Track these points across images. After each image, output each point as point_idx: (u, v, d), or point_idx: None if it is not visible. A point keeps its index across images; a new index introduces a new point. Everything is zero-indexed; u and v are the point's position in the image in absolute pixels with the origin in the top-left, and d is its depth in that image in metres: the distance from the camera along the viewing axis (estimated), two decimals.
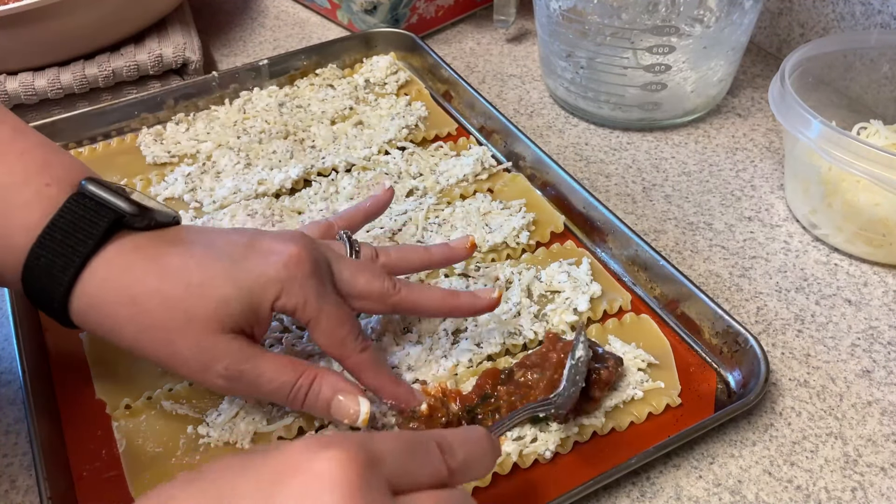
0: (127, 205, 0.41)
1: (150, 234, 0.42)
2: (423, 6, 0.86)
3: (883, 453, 0.47)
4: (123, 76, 0.76)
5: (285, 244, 0.43)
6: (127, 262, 0.40)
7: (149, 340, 0.41)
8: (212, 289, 0.40)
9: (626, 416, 0.48)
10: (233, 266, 0.41)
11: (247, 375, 0.41)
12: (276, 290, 0.41)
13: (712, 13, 0.67)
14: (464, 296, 0.48)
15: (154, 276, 0.40)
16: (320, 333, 0.43)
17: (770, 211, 0.64)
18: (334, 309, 0.43)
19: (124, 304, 0.40)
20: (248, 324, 0.42)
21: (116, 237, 0.41)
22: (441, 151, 0.68)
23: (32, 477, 0.47)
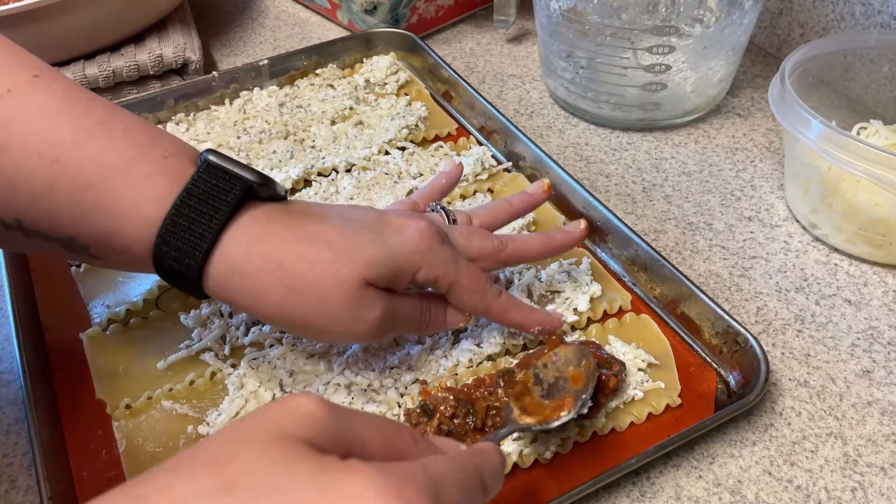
0: (252, 175, 0.41)
1: (280, 205, 0.43)
2: (423, 6, 0.86)
3: (883, 453, 0.47)
4: (123, 76, 0.76)
5: (413, 220, 0.45)
6: (267, 229, 0.41)
7: (297, 304, 0.41)
8: (359, 252, 0.42)
9: (626, 417, 0.48)
10: (374, 237, 0.43)
11: (395, 317, 0.44)
12: (418, 261, 0.44)
13: (712, 13, 0.67)
14: (558, 235, 0.52)
15: (299, 243, 0.41)
16: (463, 293, 0.46)
17: (770, 211, 0.64)
18: (468, 269, 0.46)
19: (270, 269, 0.41)
20: (388, 286, 0.44)
21: (248, 207, 0.41)
22: (441, 151, 0.68)
23: (32, 477, 0.47)
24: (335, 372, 0.49)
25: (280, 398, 0.32)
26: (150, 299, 0.56)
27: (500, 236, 0.50)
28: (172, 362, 0.51)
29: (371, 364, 0.50)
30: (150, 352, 0.52)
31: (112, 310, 0.55)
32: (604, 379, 0.47)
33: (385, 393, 0.48)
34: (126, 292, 0.56)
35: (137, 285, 0.56)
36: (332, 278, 0.41)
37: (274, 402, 0.31)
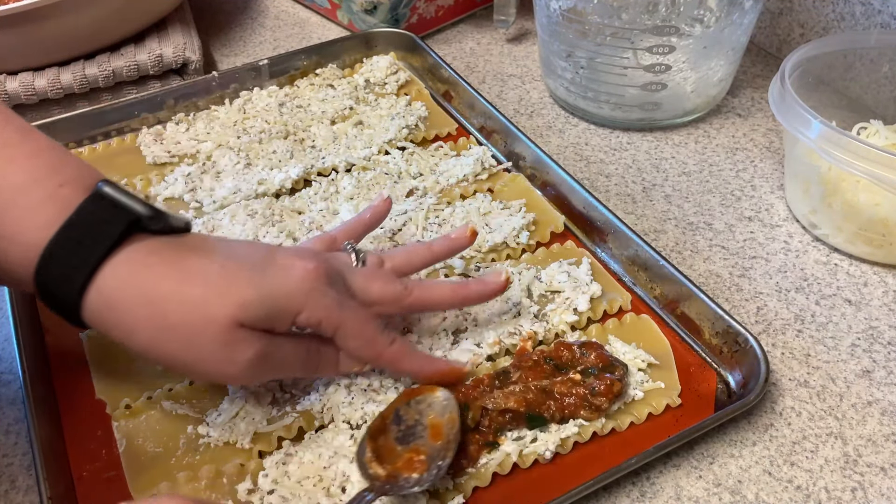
0: (143, 208, 0.41)
1: (168, 238, 0.42)
2: (423, 6, 0.86)
3: (883, 453, 0.47)
4: (123, 76, 0.76)
5: (302, 259, 0.44)
6: (146, 263, 0.41)
7: (166, 341, 0.41)
8: (235, 291, 0.41)
9: (626, 417, 0.48)
10: (254, 273, 0.42)
11: (273, 357, 0.43)
12: (299, 303, 0.42)
13: (712, 13, 0.67)
14: (473, 284, 0.49)
15: (173, 279, 0.40)
16: (349, 339, 0.45)
17: (770, 211, 0.64)
18: (355, 314, 0.45)
19: (142, 305, 0.40)
20: (267, 327, 0.43)
21: (133, 239, 0.41)
22: (441, 151, 0.68)
23: (32, 477, 0.47)
24: None
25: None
26: None
27: (407, 282, 0.48)
28: None
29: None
30: None
31: None
32: (608, 384, 0.47)
33: (385, 393, 0.48)
34: None
35: None
36: (200, 318, 0.40)
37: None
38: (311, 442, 0.46)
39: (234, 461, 0.46)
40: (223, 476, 0.45)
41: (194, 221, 0.61)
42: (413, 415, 0.44)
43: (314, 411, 0.48)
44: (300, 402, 0.48)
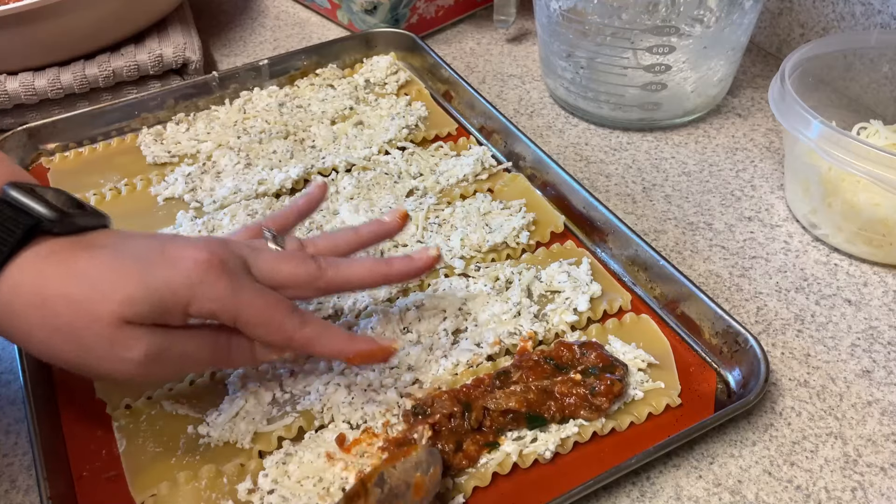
0: (47, 210, 0.40)
1: (67, 239, 0.42)
2: (423, 6, 0.86)
3: (883, 453, 0.47)
4: (123, 76, 0.76)
5: (194, 250, 0.42)
6: (40, 267, 0.40)
7: (59, 342, 0.40)
8: (118, 288, 0.40)
9: (626, 417, 0.48)
10: (142, 270, 0.41)
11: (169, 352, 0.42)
12: (186, 296, 0.41)
13: (712, 13, 0.67)
14: (397, 261, 0.47)
15: (62, 280, 0.40)
16: (252, 327, 0.43)
17: (770, 211, 0.64)
18: (255, 297, 0.43)
19: (35, 307, 0.40)
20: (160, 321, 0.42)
21: (35, 242, 0.40)
22: (441, 151, 0.68)
23: (32, 477, 0.47)
24: (335, 372, 0.49)
25: None
26: None
27: (321, 261, 0.46)
28: None
29: (371, 364, 0.50)
30: None
31: None
32: (609, 384, 0.47)
33: (385, 393, 0.48)
34: None
35: None
36: (85, 317, 0.40)
37: None
38: (311, 442, 0.46)
39: (235, 461, 0.46)
40: (223, 476, 0.45)
41: (195, 221, 0.61)
42: (398, 477, 0.42)
43: (314, 411, 0.48)
44: (300, 402, 0.48)
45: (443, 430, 0.45)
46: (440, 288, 0.55)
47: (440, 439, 0.45)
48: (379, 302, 0.55)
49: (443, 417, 0.46)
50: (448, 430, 0.45)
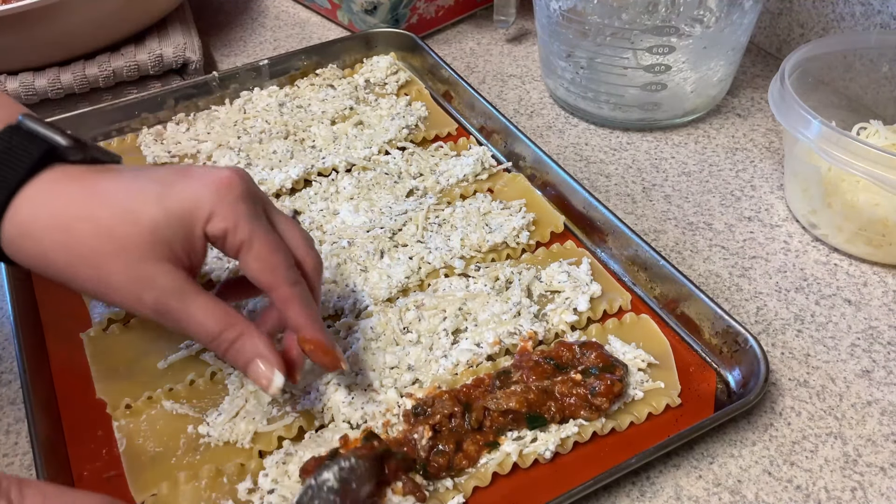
0: (63, 138, 0.40)
1: (88, 166, 0.41)
2: (424, 6, 0.86)
3: (883, 453, 0.47)
4: (124, 76, 0.76)
5: (220, 170, 0.42)
6: (59, 189, 0.39)
7: (80, 268, 0.39)
8: (142, 213, 0.39)
9: (626, 417, 0.48)
10: (163, 189, 0.40)
11: (174, 314, 0.41)
12: (207, 211, 0.40)
13: (712, 13, 0.67)
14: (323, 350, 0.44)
15: (84, 202, 0.39)
16: (252, 258, 0.42)
17: (770, 211, 0.64)
18: (267, 234, 0.42)
19: (56, 230, 0.39)
20: (183, 252, 0.41)
21: (50, 168, 0.40)
22: (441, 151, 0.68)
23: (33, 476, 0.47)
24: (335, 371, 0.49)
25: None
26: None
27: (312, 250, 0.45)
28: (173, 362, 0.51)
29: (371, 364, 0.50)
30: (150, 352, 0.52)
31: (112, 309, 0.55)
32: (609, 384, 0.47)
33: (385, 393, 0.48)
34: None
35: None
36: (112, 244, 0.39)
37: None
38: (311, 442, 0.46)
39: (235, 461, 0.46)
40: (223, 475, 0.45)
41: None
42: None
43: (314, 411, 0.48)
44: (300, 402, 0.48)
45: (443, 430, 0.45)
46: (440, 288, 0.55)
47: (440, 439, 0.45)
48: (379, 302, 0.55)
49: (443, 417, 0.46)
50: (448, 430, 0.45)
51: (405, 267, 0.56)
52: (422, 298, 0.54)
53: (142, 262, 0.39)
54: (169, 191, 0.40)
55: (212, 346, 0.43)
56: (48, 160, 0.40)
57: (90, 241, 0.39)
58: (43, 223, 0.39)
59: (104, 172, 0.41)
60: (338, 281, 0.56)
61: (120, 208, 0.39)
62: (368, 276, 0.56)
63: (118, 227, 0.39)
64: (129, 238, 0.39)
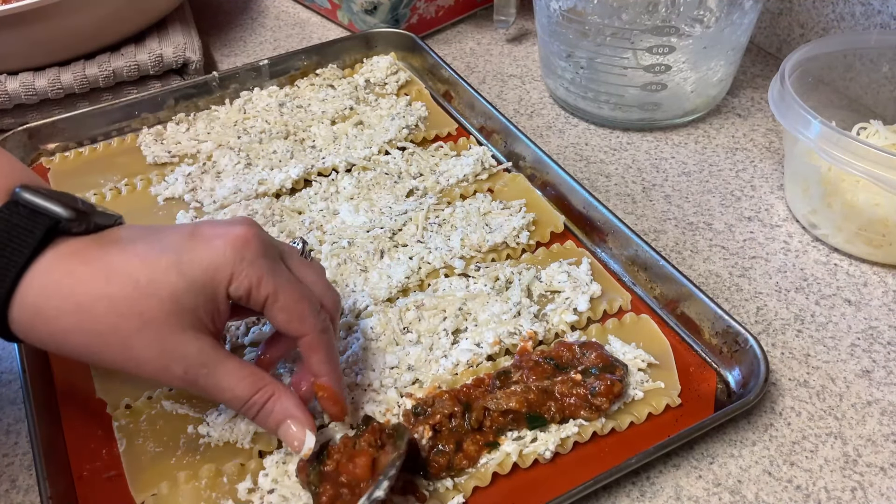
0: (64, 210, 0.39)
1: (89, 237, 0.40)
2: (424, 6, 0.86)
3: (883, 453, 0.47)
4: (124, 76, 0.76)
5: (229, 227, 0.41)
6: (67, 267, 0.38)
7: (103, 346, 0.39)
8: (162, 285, 0.39)
9: (626, 417, 0.48)
10: (179, 258, 0.39)
11: (203, 381, 0.41)
12: (227, 273, 0.40)
13: (712, 13, 0.67)
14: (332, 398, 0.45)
15: (98, 280, 0.38)
16: (278, 310, 0.42)
17: (770, 211, 0.64)
18: (290, 284, 0.42)
19: (70, 313, 0.38)
20: (207, 316, 0.41)
21: (55, 243, 0.39)
22: (441, 151, 0.68)
23: (33, 476, 0.47)
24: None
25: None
26: None
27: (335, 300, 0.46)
28: None
29: (371, 364, 0.50)
30: None
31: None
32: (609, 384, 0.47)
33: (385, 393, 0.48)
34: None
35: None
36: (136, 319, 0.38)
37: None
38: None
39: (235, 461, 0.46)
40: (223, 475, 0.45)
41: (194, 221, 0.61)
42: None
43: (314, 411, 0.48)
44: None
45: (443, 430, 0.45)
46: (440, 288, 0.55)
47: (440, 439, 0.45)
48: (379, 302, 0.55)
49: (443, 417, 0.46)
50: (448, 430, 0.45)
51: (405, 267, 0.56)
52: (422, 298, 0.54)
53: (167, 335, 0.39)
54: (186, 258, 0.40)
55: (243, 411, 0.42)
56: (51, 234, 0.39)
57: (110, 319, 0.38)
58: (56, 305, 0.38)
59: (112, 245, 0.40)
60: (338, 281, 0.56)
61: (136, 282, 0.38)
62: (368, 276, 0.56)
63: (139, 302, 0.38)
64: (152, 311, 0.38)
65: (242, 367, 0.42)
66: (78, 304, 0.38)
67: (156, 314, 0.38)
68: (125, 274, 0.39)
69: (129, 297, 0.38)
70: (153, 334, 0.39)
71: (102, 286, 0.38)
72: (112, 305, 0.38)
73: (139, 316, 0.38)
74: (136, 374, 0.40)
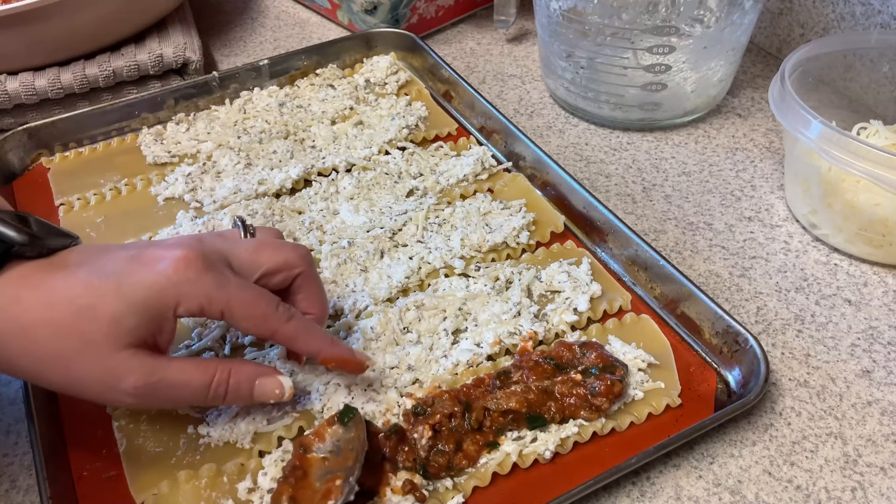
0: (17, 234, 0.40)
1: (38, 261, 0.41)
2: (424, 6, 0.86)
3: (883, 453, 0.47)
4: (124, 76, 0.76)
5: (170, 250, 0.42)
6: (14, 293, 0.39)
7: (46, 370, 0.40)
8: (102, 309, 0.39)
9: (626, 417, 0.48)
10: (120, 282, 0.40)
11: (157, 388, 0.41)
12: (173, 296, 0.41)
13: (712, 13, 0.67)
14: (341, 347, 0.46)
15: (41, 305, 0.39)
16: (239, 320, 0.42)
17: (770, 211, 0.64)
18: (241, 292, 0.42)
19: (15, 337, 0.39)
20: (149, 335, 0.41)
21: (7, 268, 0.40)
22: (441, 151, 0.68)
23: (33, 476, 0.47)
24: (335, 372, 0.49)
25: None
26: None
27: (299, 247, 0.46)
28: None
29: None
30: None
31: None
32: (609, 384, 0.47)
33: (385, 393, 0.48)
34: None
35: None
36: (76, 342, 0.39)
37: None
38: None
39: (235, 460, 0.46)
40: (223, 475, 0.45)
41: (195, 221, 0.61)
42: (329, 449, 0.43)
43: (314, 411, 0.48)
44: (300, 402, 0.48)
45: (443, 430, 0.45)
46: (440, 288, 0.55)
47: (440, 439, 0.45)
48: (379, 302, 0.55)
49: (443, 417, 0.46)
50: (448, 430, 0.45)
51: (405, 267, 0.56)
52: (422, 298, 0.54)
53: (109, 354, 0.39)
54: (126, 281, 0.40)
55: (211, 399, 0.43)
56: (3, 258, 0.40)
57: (52, 343, 0.39)
58: (2, 330, 0.39)
59: (58, 270, 0.40)
60: (338, 281, 0.56)
61: (76, 307, 0.39)
62: (368, 276, 0.56)
63: (78, 326, 0.39)
64: (91, 333, 0.39)
65: (189, 361, 0.43)
66: (22, 328, 0.39)
67: (95, 336, 0.39)
68: (66, 300, 0.39)
69: (69, 321, 0.39)
70: (94, 355, 0.39)
71: (45, 311, 0.39)
72: (54, 330, 0.39)
73: (79, 337, 0.39)
74: (82, 397, 0.41)
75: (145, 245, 0.43)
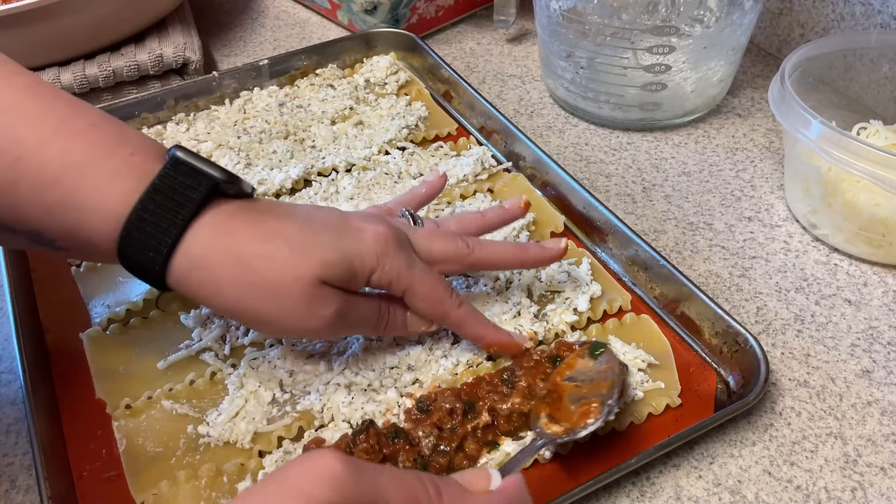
0: (219, 172, 0.42)
1: (245, 202, 0.44)
2: (424, 6, 0.86)
3: (883, 453, 0.47)
4: (124, 76, 0.76)
5: (372, 224, 0.45)
6: (229, 226, 0.42)
7: (253, 298, 0.42)
8: (317, 251, 0.43)
9: (626, 417, 0.48)
10: (333, 236, 0.44)
11: (349, 315, 0.45)
12: (372, 264, 0.44)
13: (712, 13, 0.67)
14: (532, 248, 0.52)
15: (258, 239, 0.42)
16: (418, 299, 0.47)
17: (770, 211, 0.64)
18: (424, 275, 0.46)
19: (229, 265, 0.41)
20: (342, 285, 0.44)
21: (213, 203, 0.42)
22: (441, 151, 0.68)
23: (32, 476, 0.47)
24: (335, 372, 0.49)
25: (302, 457, 0.34)
26: (150, 299, 0.56)
27: (469, 240, 0.49)
28: (172, 362, 0.51)
29: (371, 364, 0.50)
30: (150, 352, 0.52)
31: (112, 309, 0.55)
32: None
33: (385, 393, 0.48)
34: (126, 292, 0.56)
35: (138, 285, 0.56)
36: (288, 275, 0.42)
37: (296, 460, 0.33)
38: None
39: (235, 460, 0.46)
40: (223, 475, 0.45)
41: None
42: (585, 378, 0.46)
43: (314, 411, 0.48)
44: (300, 402, 0.48)
45: (444, 430, 0.45)
46: None
47: (441, 439, 0.45)
48: None
49: (444, 413, 0.46)
50: (450, 430, 0.45)
51: None
52: None
53: (316, 287, 0.42)
54: (339, 240, 0.44)
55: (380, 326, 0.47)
56: (211, 194, 0.42)
57: (267, 273, 0.42)
58: (216, 257, 0.41)
59: (266, 213, 0.44)
60: None
61: (292, 245, 0.42)
62: None
63: (293, 261, 0.42)
64: (304, 270, 0.42)
65: (364, 295, 0.47)
66: (238, 257, 0.41)
67: (307, 272, 0.42)
68: (284, 237, 0.42)
69: (286, 255, 0.42)
70: (304, 287, 0.42)
71: (263, 245, 0.42)
72: (270, 261, 0.42)
73: (292, 271, 0.42)
74: (279, 325, 0.44)
75: (346, 213, 0.47)
